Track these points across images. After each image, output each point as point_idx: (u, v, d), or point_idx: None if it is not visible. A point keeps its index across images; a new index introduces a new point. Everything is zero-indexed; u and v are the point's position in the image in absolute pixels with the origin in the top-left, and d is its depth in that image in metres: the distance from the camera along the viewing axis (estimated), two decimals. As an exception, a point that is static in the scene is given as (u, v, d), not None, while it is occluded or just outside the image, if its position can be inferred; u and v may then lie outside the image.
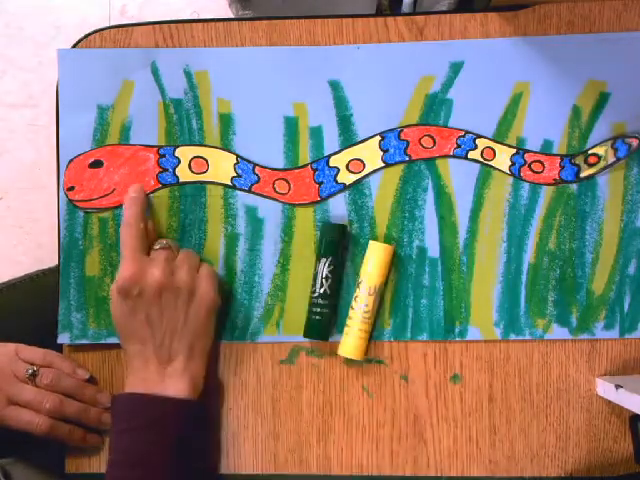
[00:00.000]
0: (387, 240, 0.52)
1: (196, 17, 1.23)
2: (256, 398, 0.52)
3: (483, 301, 0.52)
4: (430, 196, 0.52)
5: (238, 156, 0.53)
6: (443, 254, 0.52)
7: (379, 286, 0.51)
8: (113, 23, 0.55)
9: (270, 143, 0.53)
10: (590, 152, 0.51)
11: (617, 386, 0.48)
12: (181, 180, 0.53)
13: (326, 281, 0.51)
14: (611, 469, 0.51)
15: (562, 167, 0.52)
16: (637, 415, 0.50)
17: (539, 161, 0.52)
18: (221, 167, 0.53)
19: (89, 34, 0.54)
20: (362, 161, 0.52)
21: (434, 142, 0.52)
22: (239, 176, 0.53)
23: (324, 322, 0.51)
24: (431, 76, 0.52)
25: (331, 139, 0.53)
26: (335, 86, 0.52)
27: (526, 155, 0.52)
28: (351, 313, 0.51)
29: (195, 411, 0.48)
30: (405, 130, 0.52)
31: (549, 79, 0.52)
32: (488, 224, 0.52)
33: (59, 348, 0.53)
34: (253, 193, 0.53)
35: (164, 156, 0.53)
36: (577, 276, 0.52)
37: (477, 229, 0.52)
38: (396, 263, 0.52)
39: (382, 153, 0.52)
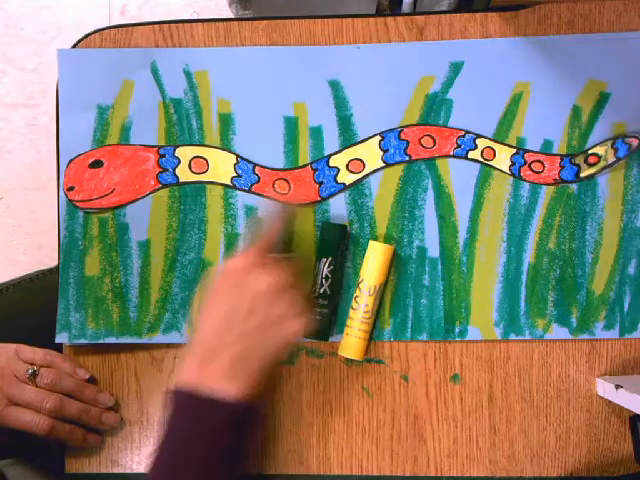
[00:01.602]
0: (387, 240, 0.52)
1: (196, 17, 1.23)
2: (256, 398, 0.52)
3: (483, 301, 0.52)
4: (430, 196, 0.52)
5: (238, 156, 0.53)
6: (443, 254, 0.52)
7: (379, 286, 0.51)
8: (113, 23, 0.55)
9: (270, 143, 0.53)
10: (590, 152, 0.51)
11: (617, 386, 0.48)
12: (181, 180, 0.53)
13: (326, 281, 0.51)
14: (611, 469, 0.51)
15: (562, 167, 0.52)
16: (637, 415, 0.50)
17: (539, 161, 0.52)
18: (221, 167, 0.53)
19: (89, 34, 0.54)
20: (362, 161, 0.52)
21: (434, 142, 0.52)
22: (239, 176, 0.53)
23: (324, 322, 0.51)
24: (431, 76, 0.52)
25: (331, 139, 0.53)
26: (335, 86, 0.52)
27: (526, 155, 0.52)
28: (351, 313, 0.51)
29: (249, 418, 0.45)
30: (405, 130, 0.52)
31: (549, 79, 0.52)
32: (488, 224, 0.52)
33: (59, 348, 0.53)
34: (253, 193, 0.53)
35: (164, 156, 0.53)
36: (577, 276, 0.52)
37: (477, 229, 0.52)
38: (396, 263, 0.52)
39: (382, 153, 0.52)
